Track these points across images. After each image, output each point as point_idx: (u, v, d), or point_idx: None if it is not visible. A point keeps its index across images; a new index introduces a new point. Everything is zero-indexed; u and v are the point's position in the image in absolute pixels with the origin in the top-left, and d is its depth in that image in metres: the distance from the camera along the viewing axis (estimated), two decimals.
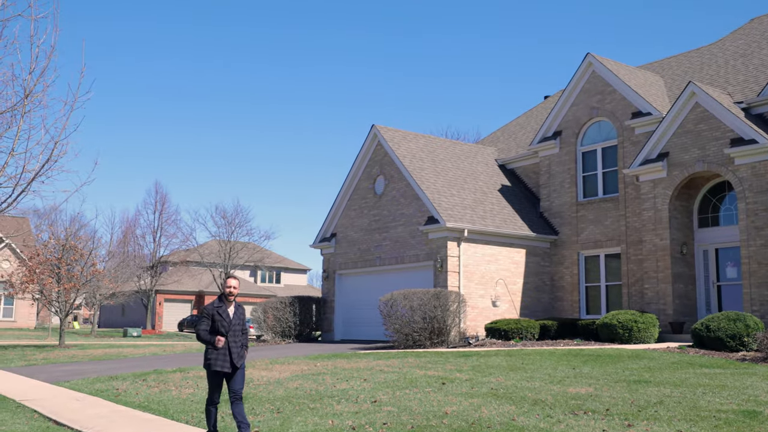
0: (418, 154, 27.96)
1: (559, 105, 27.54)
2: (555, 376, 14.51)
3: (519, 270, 26.38)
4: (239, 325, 9.35)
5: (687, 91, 22.20)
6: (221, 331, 9.11)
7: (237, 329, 9.29)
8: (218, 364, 9.12)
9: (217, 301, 9.32)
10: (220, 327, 9.12)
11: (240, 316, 9.42)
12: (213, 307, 9.24)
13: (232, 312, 9.29)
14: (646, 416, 10.09)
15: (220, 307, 9.23)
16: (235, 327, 9.27)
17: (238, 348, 9.23)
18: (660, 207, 22.81)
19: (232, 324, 9.22)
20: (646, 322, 20.95)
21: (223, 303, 9.27)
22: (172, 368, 18.67)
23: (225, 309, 9.24)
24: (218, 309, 9.20)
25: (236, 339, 9.25)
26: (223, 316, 9.17)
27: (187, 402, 12.80)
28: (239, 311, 9.44)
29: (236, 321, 9.31)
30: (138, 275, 60.23)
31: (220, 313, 9.18)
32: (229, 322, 9.18)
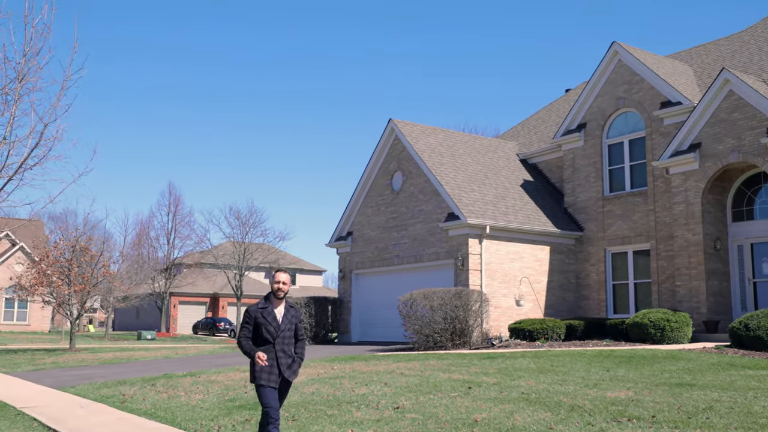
0: (437, 148, 27.03)
1: (583, 96, 26.52)
2: (589, 379, 13.54)
3: (543, 268, 25.38)
4: (290, 330, 7.61)
5: (720, 78, 21.14)
6: (267, 338, 7.40)
7: (287, 335, 7.55)
8: (263, 377, 7.40)
9: (262, 301, 7.62)
10: (266, 333, 7.39)
11: (291, 318, 7.65)
12: (257, 308, 7.52)
13: (281, 314, 7.56)
14: (698, 424, 9.12)
15: (266, 308, 7.50)
16: (285, 332, 7.53)
17: (287, 358, 7.50)
18: (692, 200, 21.75)
19: (281, 329, 7.49)
20: (679, 321, 19.91)
21: (269, 303, 7.56)
22: (182, 372, 17.87)
23: (272, 310, 7.51)
24: (263, 311, 7.47)
25: (286, 347, 7.51)
26: (269, 319, 7.45)
27: (196, 409, 11.96)
28: (291, 313, 7.66)
29: (286, 325, 7.56)
30: (152, 277, 59.66)
31: (265, 316, 7.44)
32: (276, 326, 7.46)
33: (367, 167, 28.47)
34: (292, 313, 7.64)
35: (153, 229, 62.89)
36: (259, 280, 74.90)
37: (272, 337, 7.38)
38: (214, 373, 17.15)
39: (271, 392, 7.40)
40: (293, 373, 7.60)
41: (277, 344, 7.42)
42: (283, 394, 7.65)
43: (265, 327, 7.38)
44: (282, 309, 7.57)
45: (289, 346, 7.54)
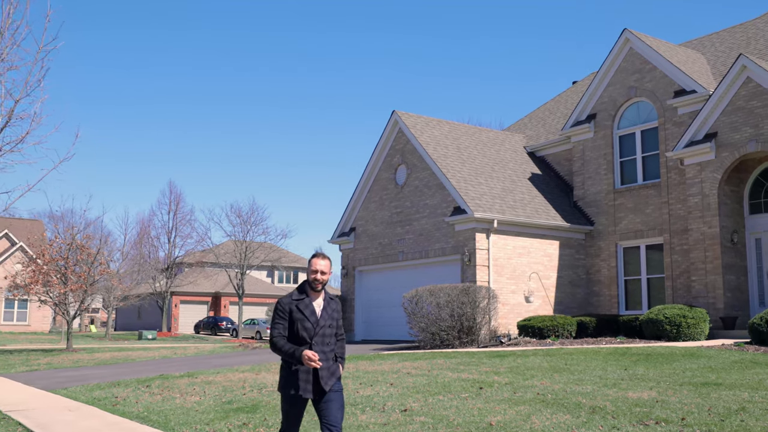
0: (442, 141, 26.26)
1: (593, 86, 25.72)
2: (607, 378, 12.78)
3: (552, 263, 24.61)
4: (332, 327, 6.18)
5: (737, 65, 20.34)
6: (303, 336, 5.99)
7: (327, 332, 6.13)
8: (300, 386, 5.93)
9: (296, 292, 6.19)
10: (302, 331, 6.00)
11: (332, 313, 6.22)
12: (291, 300, 6.11)
13: (319, 307, 6.14)
14: (733, 427, 8.36)
15: (301, 300, 6.09)
16: (325, 329, 6.11)
17: (327, 361, 6.06)
18: (708, 192, 20.95)
19: (320, 325, 6.06)
20: (695, 317, 19.14)
21: (305, 294, 6.14)
22: (179, 373, 17.17)
23: (309, 303, 6.09)
24: (298, 303, 6.06)
25: (325, 348, 6.08)
26: (307, 313, 6.04)
27: (191, 412, 11.24)
28: (331, 306, 6.24)
29: (327, 321, 6.13)
30: (153, 277, 59.00)
31: (302, 309, 6.04)
32: (315, 322, 6.04)
33: (370, 161, 27.71)
34: (332, 306, 6.23)
35: (154, 227, 62.22)
36: (261, 278, 74.24)
37: (309, 335, 6.00)
38: (213, 374, 16.45)
39: (300, 408, 6.04)
40: (333, 377, 6.09)
41: (315, 344, 6.01)
42: (333, 405, 6.05)
43: (301, 323, 6.00)
44: (321, 301, 6.18)
45: (329, 346, 6.11)
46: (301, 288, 6.18)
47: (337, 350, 6.26)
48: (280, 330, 6.00)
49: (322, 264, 6.11)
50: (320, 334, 6.02)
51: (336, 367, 6.15)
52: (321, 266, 6.10)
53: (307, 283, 6.14)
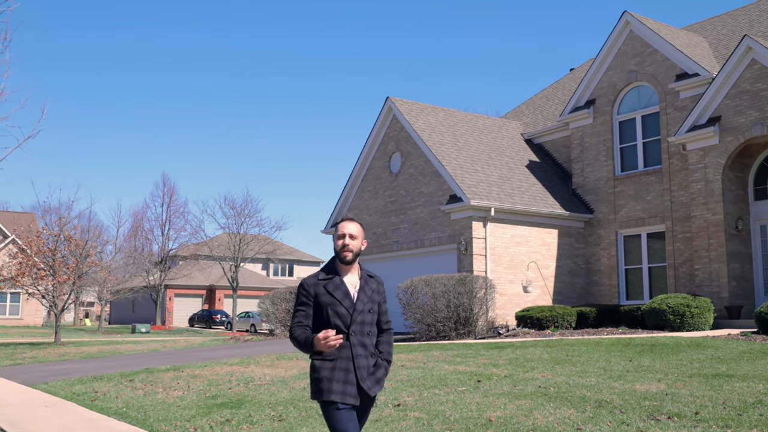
0: (438, 128, 25.58)
1: (592, 71, 25.03)
2: (611, 370, 12.16)
3: (551, 252, 23.97)
4: (372, 312, 4.74)
5: (742, 46, 19.69)
6: (336, 325, 4.59)
7: (367, 320, 4.68)
8: (334, 388, 4.51)
9: (322, 271, 4.80)
10: (333, 318, 4.59)
11: (372, 295, 4.77)
12: (317, 280, 4.70)
13: (355, 287, 4.71)
14: (752, 422, 7.75)
15: (330, 279, 4.68)
16: (365, 316, 4.68)
17: (368, 358, 4.65)
18: (711, 178, 20.32)
19: (357, 310, 4.63)
20: (699, 306, 18.53)
21: (334, 272, 4.72)
22: (165, 366, 16.57)
23: (340, 282, 4.67)
24: (326, 283, 4.66)
25: (366, 339, 4.66)
26: (338, 295, 4.62)
27: (172, 408, 10.63)
28: (371, 285, 4.79)
29: (366, 305, 4.70)
30: (146, 270, 58.34)
31: (331, 291, 4.63)
32: (350, 306, 4.62)
33: (363, 149, 27.03)
34: (372, 286, 4.77)
35: (147, 220, 61.51)
36: (256, 271, 73.57)
37: (345, 323, 4.58)
38: (199, 368, 15.83)
39: (348, 415, 4.53)
40: (377, 383, 4.67)
41: (353, 335, 4.59)
42: (360, 418, 4.72)
43: (332, 308, 4.57)
44: (356, 280, 4.73)
45: (371, 337, 4.69)
46: (328, 266, 4.76)
47: (381, 346, 4.77)
48: (301, 318, 4.64)
49: (352, 227, 4.69)
50: (358, 322, 4.60)
51: (383, 372, 4.68)
52: (349, 229, 4.67)
53: (336, 258, 4.73)
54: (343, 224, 4.76)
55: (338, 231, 4.72)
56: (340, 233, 4.69)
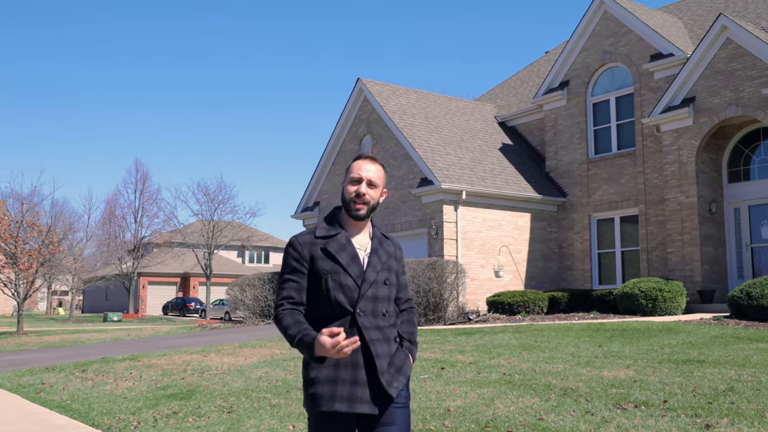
0: (409, 110, 25.04)
1: (566, 52, 24.57)
2: (580, 356, 11.75)
3: (524, 236, 23.55)
4: (389, 284, 3.46)
5: (717, 25, 19.29)
6: (339, 300, 3.30)
7: (383, 294, 3.40)
8: (336, 393, 3.25)
9: (323, 224, 3.48)
10: (335, 291, 3.32)
11: (388, 260, 3.49)
12: (313, 238, 3.42)
13: (364, 250, 3.45)
14: (722, 410, 7.33)
15: (332, 237, 3.40)
16: (378, 289, 3.40)
17: (384, 344, 3.36)
18: (685, 160, 19.95)
19: (368, 280, 3.36)
20: (672, 290, 18.20)
21: (339, 227, 3.45)
22: (123, 356, 15.98)
23: (345, 242, 3.40)
24: (327, 242, 3.39)
25: (380, 321, 3.37)
26: (342, 259, 3.36)
27: (118, 399, 10.10)
28: (386, 249, 3.51)
29: (379, 273, 3.42)
30: (119, 257, 57.48)
31: (333, 253, 3.36)
32: (358, 274, 3.36)
33: (334, 132, 26.44)
34: (388, 249, 3.50)
35: (119, 207, 60.57)
36: (231, 258, 72.87)
37: (350, 299, 3.30)
38: (157, 357, 15.26)
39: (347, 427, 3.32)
40: (398, 373, 3.35)
41: (363, 314, 3.31)
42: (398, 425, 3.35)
43: (333, 278, 3.31)
44: (366, 241, 3.46)
45: (387, 319, 3.39)
46: (330, 219, 3.46)
47: (403, 327, 3.51)
48: (291, 293, 3.31)
49: (371, 168, 3.40)
50: (370, 297, 3.31)
51: (404, 356, 3.40)
52: (368, 171, 3.38)
53: (343, 209, 3.43)
54: (361, 164, 3.40)
55: (352, 173, 3.39)
56: (356, 176, 3.37)
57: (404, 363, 3.38)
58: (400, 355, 3.39)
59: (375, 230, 3.53)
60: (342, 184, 3.43)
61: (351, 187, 3.37)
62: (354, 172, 3.39)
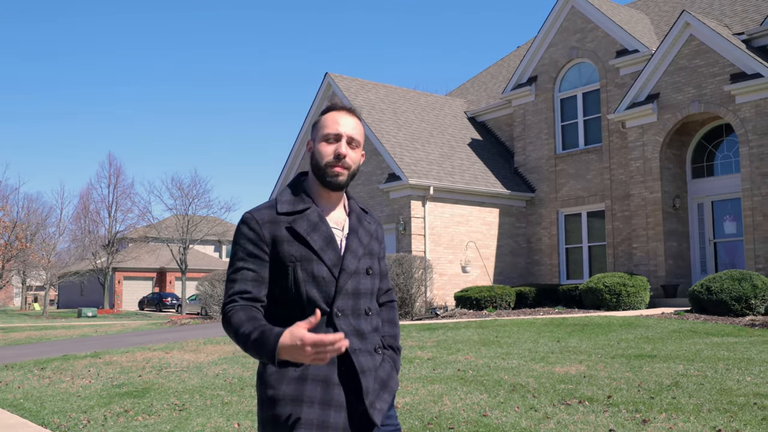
0: (378, 105, 25.04)
1: (534, 47, 24.67)
2: (537, 351, 11.85)
3: (492, 232, 23.65)
4: (372, 272, 2.70)
5: (680, 21, 19.46)
6: (311, 296, 2.54)
7: (364, 288, 2.66)
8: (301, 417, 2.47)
9: (287, 194, 2.67)
10: (306, 284, 2.55)
11: (370, 243, 2.74)
12: (275, 215, 2.60)
13: (341, 228, 2.68)
14: (663, 405, 7.44)
15: (301, 214, 2.61)
16: (360, 280, 2.64)
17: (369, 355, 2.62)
18: (650, 156, 20.13)
19: (347, 269, 2.60)
20: (635, 285, 18.39)
21: (308, 200, 2.64)
22: (85, 353, 15.90)
23: (318, 219, 2.61)
24: (293, 220, 2.58)
25: (362, 322, 2.63)
26: (314, 242, 2.57)
27: (72, 398, 10.05)
28: (366, 227, 2.75)
29: (359, 260, 2.65)
30: (93, 252, 57.07)
31: (303, 233, 2.57)
32: (335, 261, 2.59)
33: (303, 126, 26.37)
34: (369, 228, 2.77)
35: (93, 202, 60.12)
36: (208, 253, 72.58)
37: (325, 296, 2.57)
38: (119, 354, 15.21)
39: None
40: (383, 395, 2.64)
41: (340, 314, 2.59)
42: None
43: (303, 266, 2.57)
44: (343, 216, 2.74)
45: (370, 320, 2.68)
46: (295, 187, 2.71)
47: (384, 328, 2.83)
48: (245, 285, 2.56)
49: (350, 123, 2.67)
50: (350, 292, 2.61)
51: (389, 368, 2.71)
52: (347, 126, 2.66)
53: (315, 175, 2.67)
54: (337, 116, 2.66)
55: (326, 128, 2.64)
56: (332, 132, 2.63)
57: (389, 377, 2.68)
58: (384, 366, 2.68)
59: (352, 203, 2.78)
60: (309, 145, 2.70)
61: (326, 146, 2.61)
62: (329, 128, 2.62)
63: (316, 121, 2.70)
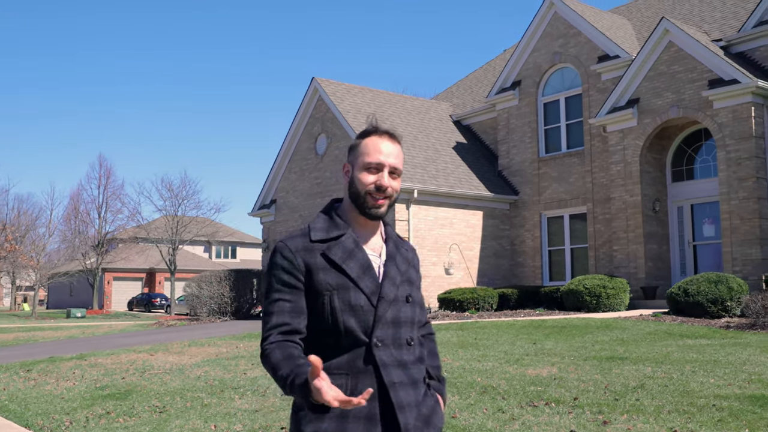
0: (364, 109, 25.29)
1: (518, 52, 24.97)
2: (512, 353, 12.12)
3: (476, 234, 23.94)
4: (412, 301, 2.60)
5: (659, 28, 19.78)
6: (349, 326, 2.44)
7: (405, 316, 2.54)
8: None
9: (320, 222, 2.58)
10: (344, 314, 2.45)
11: (408, 271, 2.64)
12: (308, 243, 2.51)
13: (379, 256, 2.58)
14: (626, 407, 7.71)
15: (336, 241, 2.52)
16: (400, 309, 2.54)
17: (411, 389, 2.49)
18: (630, 160, 20.46)
19: (386, 297, 2.50)
20: (615, 287, 18.70)
21: (345, 224, 2.56)
22: (71, 355, 16.09)
23: (353, 245, 2.52)
24: (328, 248, 2.50)
25: (404, 354, 2.51)
26: (350, 270, 2.48)
27: (56, 400, 10.26)
28: (404, 254, 2.66)
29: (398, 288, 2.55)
30: (83, 253, 57.12)
31: (338, 262, 2.48)
32: (373, 290, 2.49)
33: (290, 130, 26.60)
34: (406, 255, 2.68)
35: (83, 203, 60.15)
36: (198, 254, 72.63)
37: (364, 326, 2.46)
38: (105, 356, 15.41)
39: None
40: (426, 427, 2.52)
41: (380, 345, 2.47)
42: None
43: (339, 295, 2.46)
44: (379, 243, 2.63)
45: (412, 350, 2.56)
46: (329, 213, 2.62)
47: (429, 359, 2.72)
48: (283, 317, 2.46)
49: (393, 151, 2.55)
50: (389, 321, 2.51)
51: (433, 402, 2.59)
52: (390, 156, 2.54)
53: (353, 203, 2.56)
54: (379, 143, 2.54)
55: (368, 156, 2.52)
56: (373, 161, 2.51)
57: (434, 411, 2.56)
58: (427, 401, 2.55)
59: (389, 229, 2.69)
60: (346, 169, 2.60)
61: (368, 176, 2.51)
62: (370, 156, 2.51)
63: (354, 144, 2.57)
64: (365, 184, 2.49)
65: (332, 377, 2.39)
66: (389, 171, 2.51)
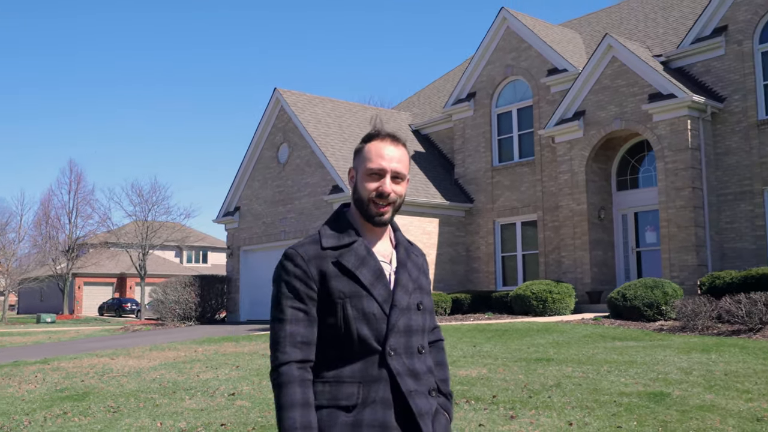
0: (324, 119, 26.06)
1: (473, 64, 25.88)
2: (451, 355, 12.90)
3: (432, 241, 24.78)
4: (422, 308, 2.58)
5: (603, 44, 20.77)
6: (363, 335, 2.42)
7: (416, 324, 2.52)
8: None
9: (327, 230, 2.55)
10: (358, 323, 2.43)
11: (418, 276, 2.62)
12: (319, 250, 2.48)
13: (389, 261, 2.56)
14: (536, 403, 8.53)
15: (347, 248, 2.49)
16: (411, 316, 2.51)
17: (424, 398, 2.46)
18: (576, 169, 21.42)
19: (398, 305, 2.48)
20: (561, 292, 19.60)
21: (354, 232, 2.52)
22: (35, 359, 16.62)
23: (365, 252, 2.49)
24: (340, 255, 2.47)
25: (415, 362, 2.48)
26: (364, 277, 2.46)
27: (17, 401, 10.87)
28: (414, 259, 2.63)
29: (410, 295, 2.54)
30: (53, 258, 57.24)
31: (351, 268, 2.45)
32: (385, 297, 2.47)
33: (253, 138, 27.31)
34: (416, 261, 2.66)
35: (54, 208, 60.26)
36: (169, 258, 72.87)
37: (377, 335, 2.45)
38: (68, 360, 15.99)
39: None
40: None
41: (392, 354, 2.45)
42: None
43: (352, 303, 2.45)
44: (389, 248, 2.61)
45: (423, 359, 2.54)
46: (338, 219, 2.59)
47: (437, 371, 2.71)
48: (298, 328, 2.44)
49: (396, 155, 2.54)
50: (402, 329, 2.49)
51: (444, 421, 2.58)
52: (393, 161, 2.53)
53: (358, 210, 2.57)
54: (382, 147, 2.54)
55: (370, 162, 2.52)
56: (375, 167, 2.51)
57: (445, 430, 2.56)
58: (440, 419, 2.54)
59: (398, 234, 2.66)
60: (351, 174, 2.59)
61: (370, 183, 2.49)
62: (372, 161, 2.50)
63: (358, 148, 2.57)
64: (368, 191, 2.48)
65: (344, 386, 2.40)
66: (392, 176, 2.50)
